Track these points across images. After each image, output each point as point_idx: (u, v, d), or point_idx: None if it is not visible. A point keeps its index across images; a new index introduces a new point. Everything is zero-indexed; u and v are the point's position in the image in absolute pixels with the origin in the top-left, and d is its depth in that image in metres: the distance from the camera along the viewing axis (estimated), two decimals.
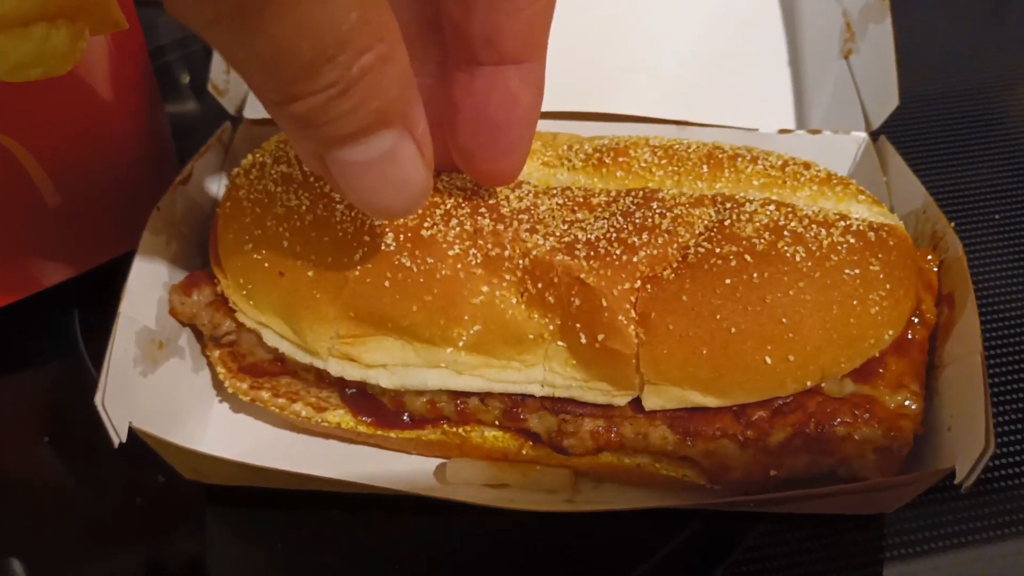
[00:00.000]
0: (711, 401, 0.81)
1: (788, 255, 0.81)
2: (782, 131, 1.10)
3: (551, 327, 0.83)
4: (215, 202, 1.07)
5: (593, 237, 0.84)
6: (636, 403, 0.85)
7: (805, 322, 0.80)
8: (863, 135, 1.10)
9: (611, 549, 0.90)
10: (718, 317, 0.80)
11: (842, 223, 0.84)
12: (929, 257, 0.92)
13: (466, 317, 0.83)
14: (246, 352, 0.93)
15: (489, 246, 0.84)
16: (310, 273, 0.86)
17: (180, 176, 1.01)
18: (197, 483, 0.93)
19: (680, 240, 0.83)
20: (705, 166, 0.91)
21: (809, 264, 0.81)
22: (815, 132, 1.10)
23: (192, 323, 0.96)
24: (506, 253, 0.84)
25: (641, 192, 0.88)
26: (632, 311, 0.81)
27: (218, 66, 1.13)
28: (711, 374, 0.80)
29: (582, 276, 0.81)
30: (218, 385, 1.00)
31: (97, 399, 0.80)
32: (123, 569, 0.91)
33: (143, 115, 1.07)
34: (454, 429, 0.90)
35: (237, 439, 0.96)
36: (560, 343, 0.83)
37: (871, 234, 0.84)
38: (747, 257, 0.81)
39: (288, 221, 0.87)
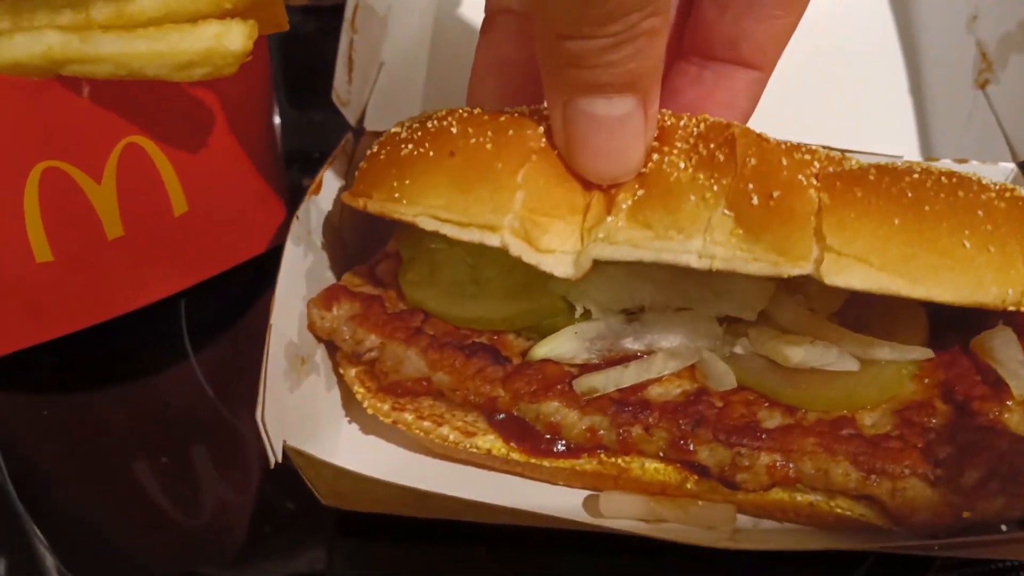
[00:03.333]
0: (902, 286, 0.73)
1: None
2: (929, 159, 1.07)
3: (715, 187, 0.77)
4: (340, 215, 1.02)
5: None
6: (815, 429, 0.80)
7: (1002, 223, 0.74)
8: (1011, 165, 1.06)
9: None
10: (910, 195, 0.74)
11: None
12: None
13: (635, 183, 0.79)
14: (388, 370, 0.88)
15: (665, 120, 0.81)
16: (489, 145, 0.81)
17: (312, 185, 0.97)
18: (324, 513, 0.88)
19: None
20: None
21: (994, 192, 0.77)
22: (962, 161, 1.07)
23: (331, 338, 0.91)
24: (681, 123, 0.81)
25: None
26: (814, 177, 0.75)
27: (341, 77, 1.09)
28: (904, 250, 0.73)
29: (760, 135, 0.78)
30: (348, 405, 0.95)
31: (258, 415, 0.75)
32: None
33: (265, 122, 1.04)
34: (612, 459, 0.85)
35: (368, 462, 0.91)
36: (725, 211, 0.76)
37: None
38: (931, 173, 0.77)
39: (454, 116, 0.85)
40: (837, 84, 1.25)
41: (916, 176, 0.77)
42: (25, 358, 0.98)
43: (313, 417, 0.89)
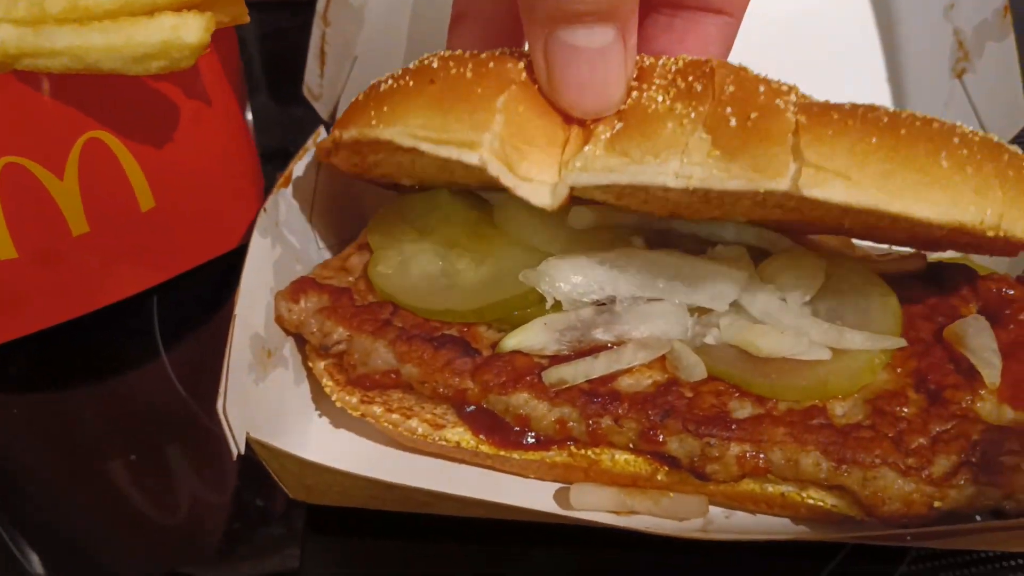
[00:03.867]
0: (881, 201, 0.71)
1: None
2: None
3: (693, 115, 0.76)
4: (312, 208, 1.02)
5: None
6: (785, 419, 0.79)
7: (977, 150, 0.74)
8: None
9: None
10: (885, 120, 0.74)
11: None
12: None
13: (613, 118, 0.79)
14: (357, 362, 0.88)
15: (644, 60, 0.81)
16: (469, 75, 0.81)
17: (281, 179, 0.96)
18: (296, 510, 0.88)
19: None
20: None
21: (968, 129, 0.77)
22: None
23: (299, 331, 0.90)
24: (660, 62, 0.81)
25: None
26: (791, 104, 0.75)
27: (312, 71, 1.09)
28: (882, 167, 0.72)
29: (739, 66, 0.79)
30: (318, 399, 0.95)
31: (219, 405, 0.75)
32: None
33: (234, 117, 1.03)
34: (582, 451, 0.84)
35: (338, 456, 0.89)
36: (703, 135, 0.75)
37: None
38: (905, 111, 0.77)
39: (435, 55, 0.85)
40: (815, 72, 1.23)
41: (891, 110, 0.77)
42: None
43: (281, 411, 0.88)
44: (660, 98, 0.78)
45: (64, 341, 1.00)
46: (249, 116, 1.09)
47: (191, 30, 0.72)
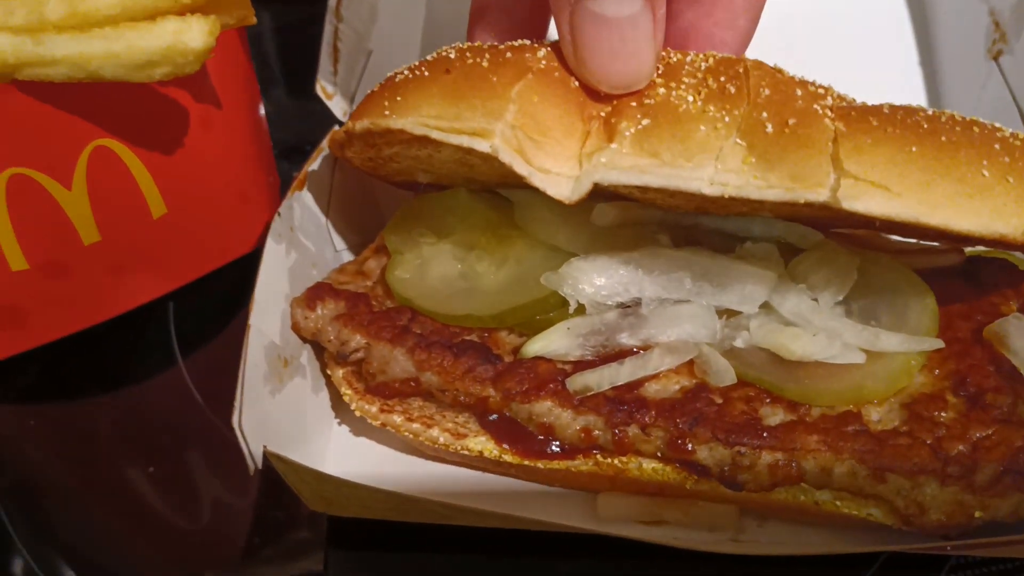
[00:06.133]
0: (921, 213, 0.70)
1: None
2: None
3: (727, 119, 0.74)
4: (327, 210, 0.99)
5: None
6: (819, 425, 0.77)
7: (1020, 156, 0.72)
8: None
9: None
10: (925, 126, 0.72)
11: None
12: None
13: (637, 114, 0.76)
14: (375, 371, 0.86)
15: (671, 56, 0.80)
16: (485, 63, 0.79)
17: (295, 182, 0.94)
18: (315, 519, 0.87)
19: None
20: None
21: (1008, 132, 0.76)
22: None
23: (316, 339, 0.88)
24: (688, 59, 0.79)
25: None
26: (828, 109, 0.74)
27: (326, 68, 1.06)
28: (922, 177, 0.70)
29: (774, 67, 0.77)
30: (337, 407, 0.93)
31: (234, 420, 0.73)
32: None
33: (246, 119, 1.00)
34: (608, 460, 0.82)
35: (359, 465, 0.89)
36: (738, 140, 0.73)
37: None
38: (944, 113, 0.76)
39: (453, 47, 0.83)
40: (848, 56, 1.20)
41: (930, 113, 0.75)
42: (9, 367, 0.96)
43: (300, 420, 0.87)
44: (691, 98, 0.75)
45: (80, 351, 0.99)
46: (263, 112, 1.06)
47: (195, 35, 0.70)
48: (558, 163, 0.77)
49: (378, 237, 0.97)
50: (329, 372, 0.90)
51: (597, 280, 0.85)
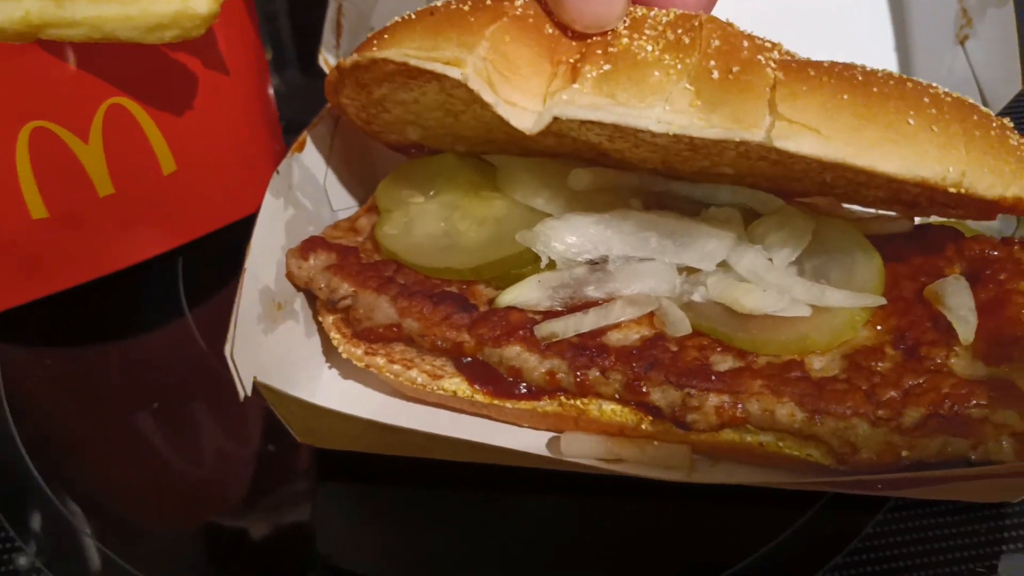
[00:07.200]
0: (848, 155, 0.76)
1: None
2: None
3: (679, 66, 0.81)
4: (326, 173, 1.07)
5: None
6: (764, 372, 0.83)
7: (947, 110, 0.78)
8: None
9: (727, 532, 0.89)
10: (860, 78, 0.78)
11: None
12: None
13: (601, 60, 0.82)
14: (361, 317, 0.93)
15: (637, 11, 0.85)
16: (466, 8, 0.86)
17: (295, 144, 1.01)
18: (308, 457, 0.93)
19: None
20: None
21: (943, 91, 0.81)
22: None
23: (308, 287, 0.95)
24: (651, 13, 0.85)
25: None
26: (772, 60, 0.80)
27: (329, 43, 1.13)
28: (851, 122, 0.76)
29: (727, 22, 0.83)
30: (328, 352, 1.00)
31: (226, 350, 0.79)
32: (228, 545, 0.91)
33: (253, 86, 1.08)
34: (571, 401, 0.89)
35: (344, 404, 0.95)
36: (687, 85, 0.80)
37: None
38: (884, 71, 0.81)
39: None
40: (823, 43, 1.25)
41: (869, 68, 0.81)
42: (23, 313, 1.03)
43: (291, 361, 0.93)
44: (650, 47, 0.82)
45: (90, 300, 1.06)
46: (272, 85, 1.14)
47: (201, 1, 0.77)
48: (524, 98, 0.84)
49: (371, 198, 1.04)
50: (320, 319, 0.97)
51: (568, 238, 0.92)
